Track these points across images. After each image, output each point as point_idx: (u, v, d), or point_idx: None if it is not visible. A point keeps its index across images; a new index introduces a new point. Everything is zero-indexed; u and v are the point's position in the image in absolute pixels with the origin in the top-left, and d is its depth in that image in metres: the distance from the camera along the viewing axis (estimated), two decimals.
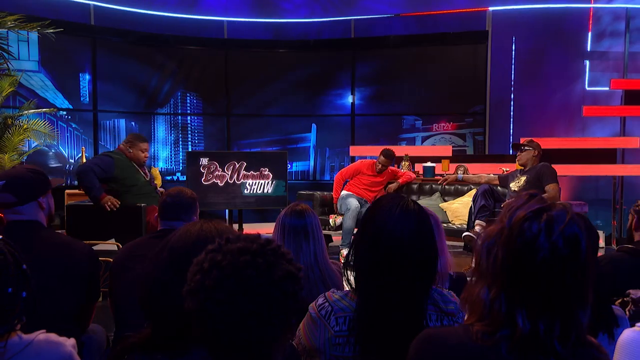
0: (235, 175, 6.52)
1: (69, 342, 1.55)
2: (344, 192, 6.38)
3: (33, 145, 7.00)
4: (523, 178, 5.49)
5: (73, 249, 2.27)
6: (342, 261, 5.80)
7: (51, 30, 6.24)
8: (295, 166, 9.39)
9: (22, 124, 6.49)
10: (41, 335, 1.50)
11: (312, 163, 9.44)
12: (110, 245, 4.79)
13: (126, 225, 4.81)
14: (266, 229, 7.64)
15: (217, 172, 6.47)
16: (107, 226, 4.84)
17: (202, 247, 1.34)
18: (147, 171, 5.21)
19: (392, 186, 6.64)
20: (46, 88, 7.78)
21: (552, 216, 1.11)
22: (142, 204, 4.81)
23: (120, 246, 4.70)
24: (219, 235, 1.43)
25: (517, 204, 1.17)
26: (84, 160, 6.78)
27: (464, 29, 8.77)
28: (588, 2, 8.71)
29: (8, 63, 6.23)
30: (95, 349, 2.42)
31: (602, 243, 7.50)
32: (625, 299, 2.05)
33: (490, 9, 8.54)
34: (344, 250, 6.03)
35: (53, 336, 1.53)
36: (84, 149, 7.13)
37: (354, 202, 6.13)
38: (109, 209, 4.78)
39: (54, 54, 7.73)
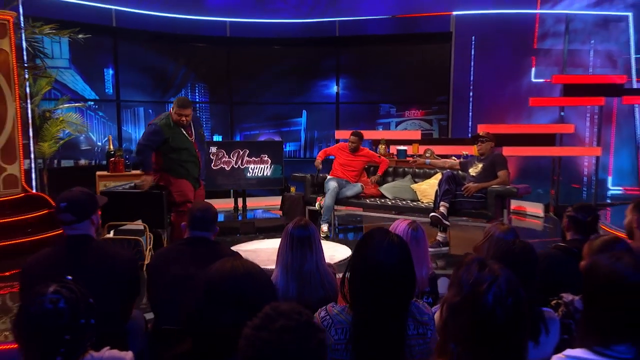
0: (240, 161, 6.57)
1: (129, 356, 1.66)
2: (328, 176, 6.40)
3: (66, 134, 6.98)
4: (480, 165, 5.62)
5: (118, 258, 2.36)
6: (322, 236, 5.87)
7: (81, 37, 6.20)
8: (289, 146, 9.44)
9: (58, 117, 6.48)
10: (107, 352, 1.61)
11: (302, 143, 9.49)
12: (137, 225, 4.88)
13: (149, 208, 4.90)
14: (265, 202, 7.84)
15: (224, 159, 6.52)
16: (134, 209, 4.92)
17: (232, 281, 1.45)
18: (193, 131, 4.98)
19: (374, 178, 6.44)
20: (76, 82, 7.70)
21: (501, 288, 1.23)
22: (164, 191, 4.87)
23: (146, 226, 4.80)
24: (246, 272, 1.53)
25: (473, 275, 1.27)
26: (111, 147, 6.78)
27: (432, 30, 8.78)
28: (535, 8, 8.75)
29: (45, 65, 6.20)
30: (138, 332, 2.54)
31: (541, 213, 7.72)
32: (559, 301, 2.14)
33: (454, 13, 8.53)
34: (323, 225, 6.09)
35: (116, 352, 1.64)
36: (110, 137, 7.12)
37: (333, 184, 6.16)
38: (139, 184, 4.92)
39: (82, 52, 7.60)
